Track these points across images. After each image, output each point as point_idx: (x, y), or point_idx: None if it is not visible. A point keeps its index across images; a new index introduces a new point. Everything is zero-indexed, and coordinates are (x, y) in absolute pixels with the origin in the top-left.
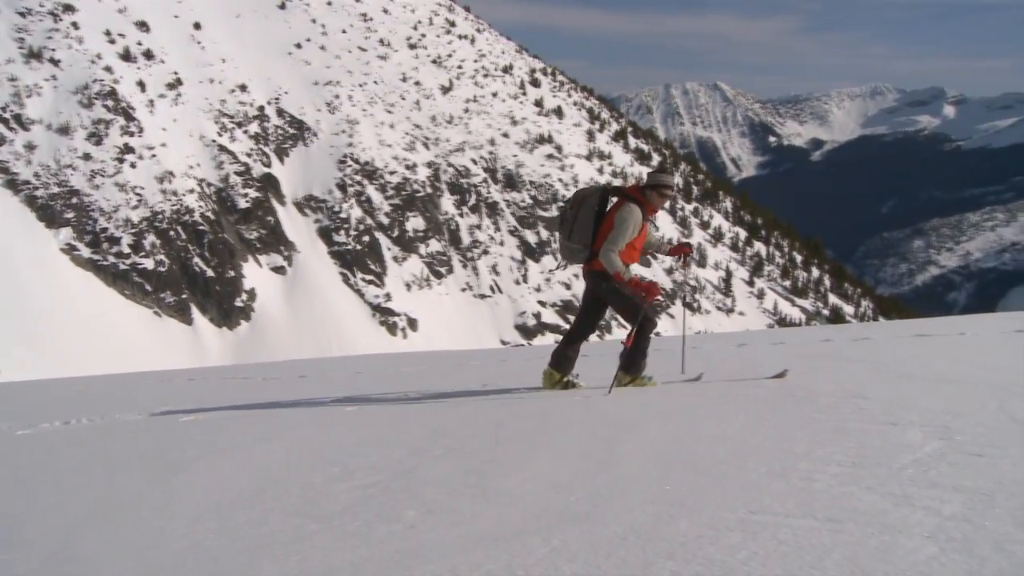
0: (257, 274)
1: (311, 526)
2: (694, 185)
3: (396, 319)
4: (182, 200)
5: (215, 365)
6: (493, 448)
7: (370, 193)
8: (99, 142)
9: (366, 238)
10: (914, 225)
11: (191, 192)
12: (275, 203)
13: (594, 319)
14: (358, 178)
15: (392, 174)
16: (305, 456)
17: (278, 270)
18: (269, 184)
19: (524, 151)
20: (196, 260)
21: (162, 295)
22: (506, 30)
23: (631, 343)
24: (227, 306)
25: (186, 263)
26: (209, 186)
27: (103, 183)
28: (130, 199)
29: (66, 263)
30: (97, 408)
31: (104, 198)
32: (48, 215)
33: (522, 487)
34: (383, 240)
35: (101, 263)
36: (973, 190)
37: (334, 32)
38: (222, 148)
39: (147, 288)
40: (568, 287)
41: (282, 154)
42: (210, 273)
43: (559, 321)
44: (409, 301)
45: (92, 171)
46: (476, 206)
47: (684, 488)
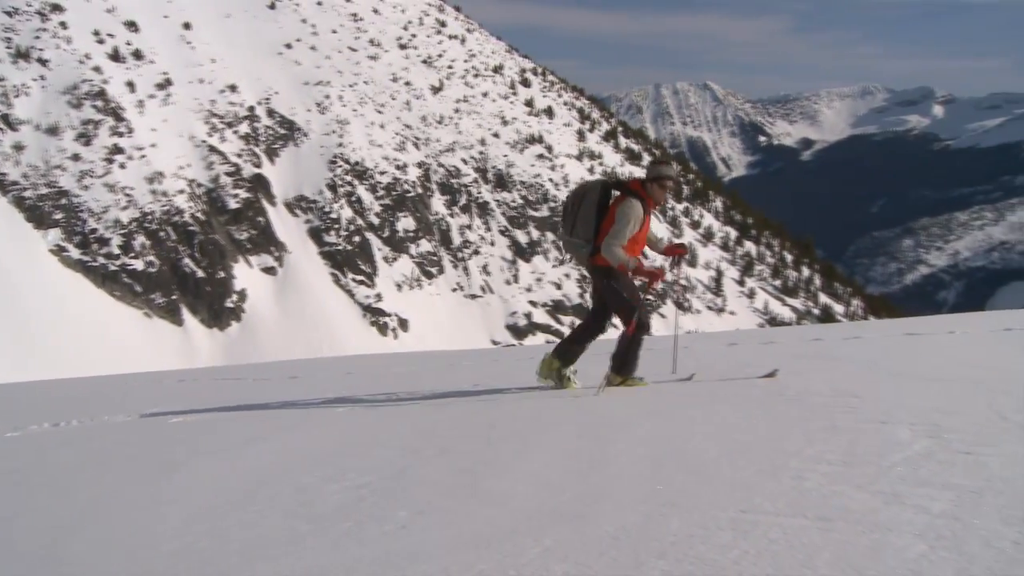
0: (247, 275)
1: (303, 527)
2: (684, 185)
3: (387, 319)
4: (172, 201)
5: (206, 366)
6: (485, 448)
7: (360, 193)
8: (88, 143)
9: (357, 238)
10: (904, 224)
11: (181, 193)
12: (265, 204)
13: (604, 317)
14: (348, 178)
15: (383, 174)
16: (297, 457)
17: (268, 271)
18: (259, 185)
19: (514, 151)
20: (186, 261)
21: (152, 296)
22: (496, 30)
23: (623, 342)
24: (217, 307)
25: (176, 264)
26: (199, 187)
27: (92, 184)
28: (119, 200)
29: (55, 264)
30: (87, 409)
31: (93, 199)
32: (37, 216)
33: (514, 487)
34: (374, 240)
35: (91, 264)
36: (962, 189)
37: (324, 32)
38: (212, 148)
39: (137, 289)
40: (559, 287)
41: (272, 154)
42: (200, 274)
43: (550, 321)
44: (400, 301)
45: (81, 172)
46: (467, 206)
47: (675, 487)
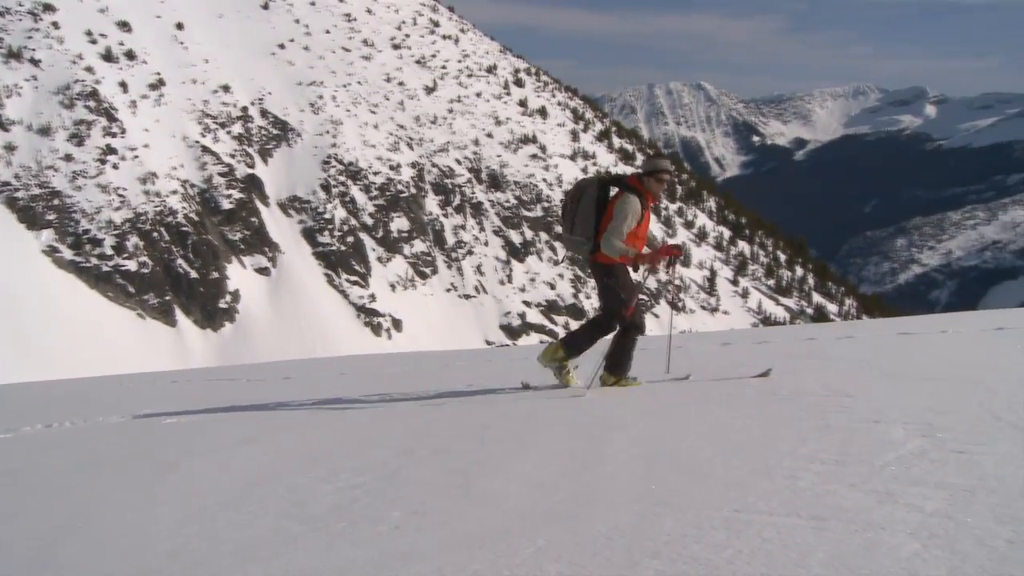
0: (241, 275)
1: (296, 528)
2: (678, 185)
3: (381, 320)
4: (165, 201)
5: (199, 367)
6: (478, 449)
7: (354, 194)
8: (81, 143)
9: (350, 239)
10: (897, 224)
11: (174, 193)
12: (259, 204)
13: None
14: (342, 179)
15: (376, 175)
16: (290, 458)
17: (262, 271)
18: (253, 185)
19: (508, 151)
20: (179, 261)
21: (145, 297)
22: (490, 30)
23: (617, 342)
24: (211, 307)
25: (169, 264)
26: (192, 187)
27: (85, 184)
28: (112, 200)
29: (48, 265)
30: (80, 411)
31: (86, 199)
32: (29, 217)
33: (507, 487)
34: (367, 241)
35: (83, 265)
36: (955, 189)
37: (317, 32)
38: (205, 149)
39: (130, 290)
40: (553, 287)
41: (266, 155)
42: (194, 274)
43: (544, 321)
44: (394, 302)
45: (74, 172)
46: (460, 206)
47: (669, 487)
